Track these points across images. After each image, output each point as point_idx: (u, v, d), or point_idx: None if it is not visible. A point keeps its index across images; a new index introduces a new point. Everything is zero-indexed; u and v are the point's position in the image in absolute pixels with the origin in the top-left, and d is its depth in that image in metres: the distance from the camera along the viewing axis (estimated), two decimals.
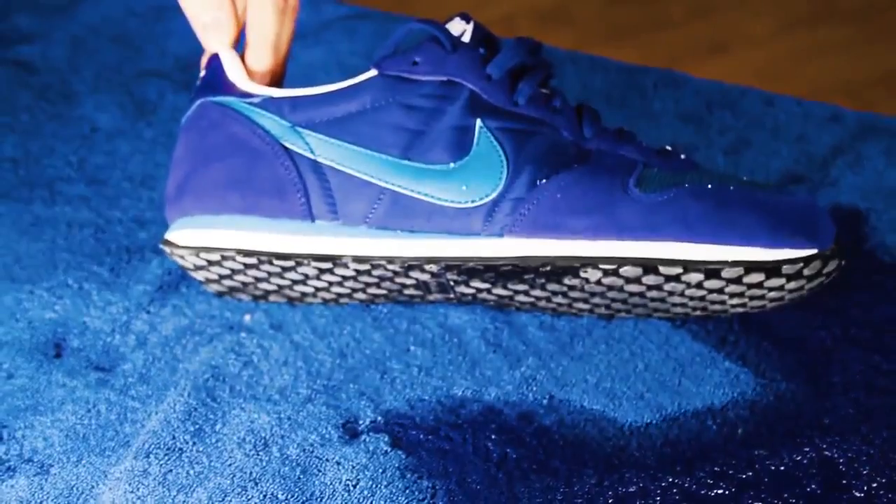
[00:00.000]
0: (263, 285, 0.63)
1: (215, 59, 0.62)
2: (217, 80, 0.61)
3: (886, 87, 1.32)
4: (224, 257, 0.61)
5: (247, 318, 0.63)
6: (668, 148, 0.60)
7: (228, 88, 0.61)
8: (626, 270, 0.57)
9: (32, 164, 0.75)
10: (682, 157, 0.60)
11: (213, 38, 0.61)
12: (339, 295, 0.63)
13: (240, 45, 0.63)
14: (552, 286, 0.59)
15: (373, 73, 0.59)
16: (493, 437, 0.56)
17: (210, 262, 0.61)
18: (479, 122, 0.58)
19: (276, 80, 0.63)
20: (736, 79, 0.85)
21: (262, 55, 0.62)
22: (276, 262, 0.60)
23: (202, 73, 0.62)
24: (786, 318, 0.61)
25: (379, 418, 0.58)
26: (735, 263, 0.56)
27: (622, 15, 1.47)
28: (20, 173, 0.74)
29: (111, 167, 0.75)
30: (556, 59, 0.83)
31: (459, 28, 0.60)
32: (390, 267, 0.59)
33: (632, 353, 0.61)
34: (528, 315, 0.62)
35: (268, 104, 0.60)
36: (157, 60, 0.85)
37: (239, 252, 0.60)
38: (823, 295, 0.58)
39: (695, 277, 0.57)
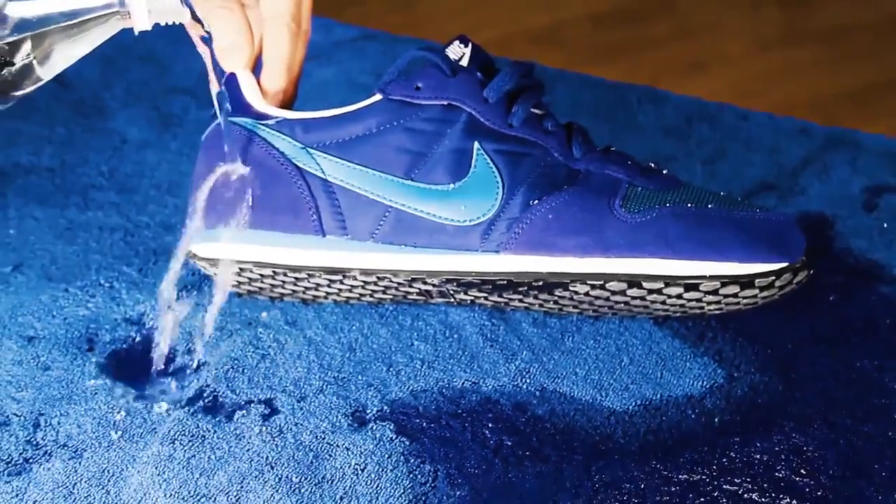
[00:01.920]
0: (279, 290, 0.63)
1: (232, 78, 0.61)
2: (235, 100, 0.61)
3: (852, 103, 1.32)
4: (242, 269, 0.61)
5: (264, 315, 0.63)
6: (652, 165, 0.60)
7: (245, 109, 0.60)
8: (612, 285, 0.57)
9: (68, 173, 0.75)
10: (665, 171, 0.60)
11: (232, 60, 0.61)
12: (349, 298, 0.63)
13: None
14: (543, 296, 0.59)
15: (378, 97, 0.59)
16: (489, 425, 0.56)
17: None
18: (476, 144, 0.58)
19: (289, 98, 0.63)
20: (713, 95, 0.85)
21: (277, 76, 0.61)
22: (289, 273, 0.60)
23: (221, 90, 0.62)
24: (759, 317, 0.61)
25: (385, 408, 0.57)
26: (712, 278, 0.56)
27: (609, 36, 1.47)
28: (56, 182, 0.74)
29: (139, 176, 0.75)
30: (548, 78, 0.82)
31: (458, 52, 0.59)
32: (395, 279, 0.59)
33: (618, 347, 0.60)
34: (522, 312, 0.62)
35: (282, 126, 0.59)
36: (182, 77, 0.84)
37: (256, 264, 0.60)
38: (793, 295, 0.58)
39: (675, 290, 0.57)
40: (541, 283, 0.58)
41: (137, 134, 0.79)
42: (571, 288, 0.58)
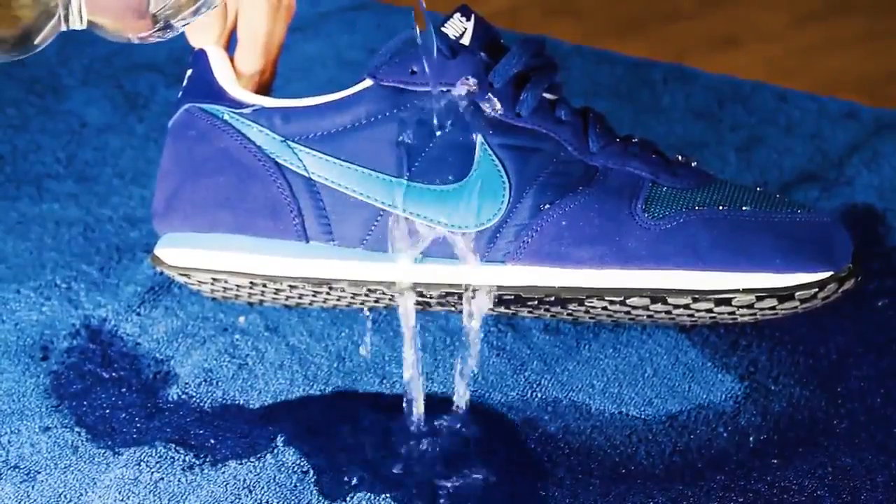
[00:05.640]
0: (258, 297, 0.63)
1: (202, 56, 0.61)
2: (205, 82, 0.60)
3: None
4: (215, 279, 0.61)
5: (241, 319, 0.63)
6: (679, 157, 0.60)
7: (217, 94, 0.60)
8: (634, 301, 0.57)
9: (19, 161, 0.75)
10: (694, 164, 0.59)
11: (200, 35, 0.61)
12: (336, 305, 0.63)
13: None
14: (556, 309, 0.59)
15: (368, 83, 0.58)
16: (495, 443, 0.56)
17: (201, 282, 0.62)
18: (479, 138, 0.57)
19: (267, 80, 0.63)
20: (748, 73, 0.85)
21: (253, 55, 0.61)
22: (269, 284, 0.60)
23: (189, 72, 0.62)
24: (799, 324, 0.61)
25: None
26: (746, 291, 0.56)
27: (630, 6, 1.47)
28: (6, 170, 0.74)
29: (101, 163, 0.75)
30: (561, 54, 0.83)
31: (459, 27, 0.58)
32: (388, 291, 0.59)
33: (640, 357, 0.61)
34: (532, 318, 0.62)
35: (259, 116, 0.59)
36: (149, 53, 0.85)
37: (230, 274, 0.60)
38: (838, 300, 0.58)
39: (704, 305, 0.57)
40: (552, 299, 0.58)
41: (98, 116, 0.79)
42: (588, 303, 0.58)
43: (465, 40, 0.58)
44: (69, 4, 0.49)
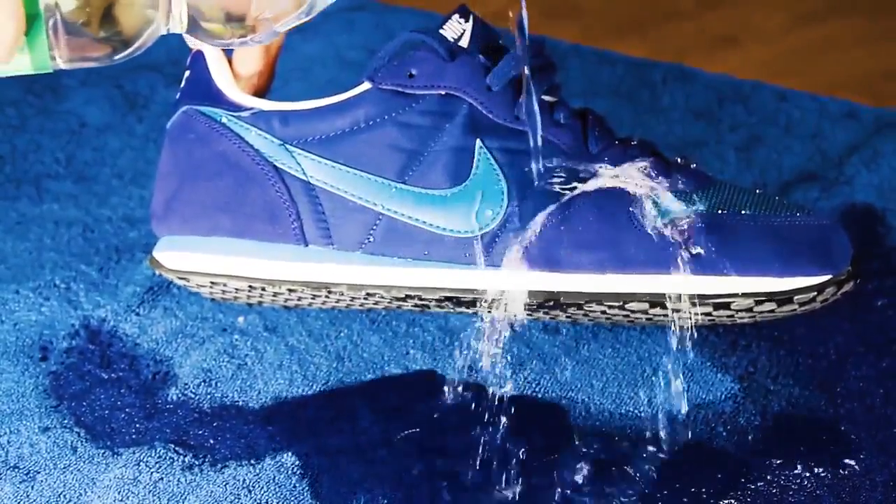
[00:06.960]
0: (256, 300, 0.63)
1: (200, 57, 0.61)
2: (203, 84, 0.60)
3: None
4: (214, 283, 0.61)
5: (240, 319, 0.63)
6: (679, 159, 0.60)
7: (216, 96, 0.60)
8: (633, 305, 0.57)
9: (19, 161, 0.75)
10: (693, 166, 0.59)
11: None
12: (335, 307, 0.63)
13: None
14: (554, 312, 0.59)
15: (367, 86, 0.58)
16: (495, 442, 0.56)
17: (200, 285, 0.62)
18: (478, 142, 0.57)
19: (265, 82, 0.63)
20: (748, 73, 0.85)
21: (251, 57, 0.61)
22: (268, 287, 0.60)
23: (186, 73, 0.62)
24: (798, 324, 0.61)
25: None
26: (745, 295, 0.56)
27: (630, 6, 1.47)
28: (6, 170, 0.74)
29: (100, 164, 0.75)
30: (560, 54, 0.83)
31: (458, 29, 0.58)
32: (387, 295, 0.59)
33: (639, 357, 0.60)
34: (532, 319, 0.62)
35: (257, 119, 0.59)
36: (149, 53, 0.84)
37: (229, 278, 0.60)
38: (837, 300, 0.58)
39: (703, 309, 0.57)
40: (552, 303, 0.58)
41: (98, 116, 0.79)
42: (587, 307, 0.58)
43: (464, 42, 0.58)
44: (170, 9, 0.49)
